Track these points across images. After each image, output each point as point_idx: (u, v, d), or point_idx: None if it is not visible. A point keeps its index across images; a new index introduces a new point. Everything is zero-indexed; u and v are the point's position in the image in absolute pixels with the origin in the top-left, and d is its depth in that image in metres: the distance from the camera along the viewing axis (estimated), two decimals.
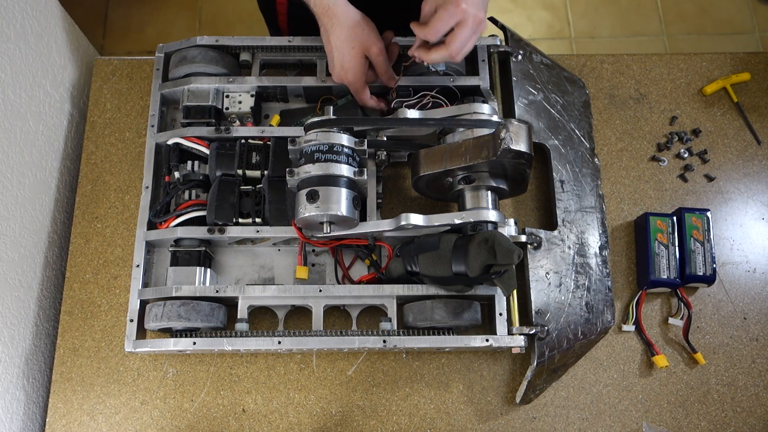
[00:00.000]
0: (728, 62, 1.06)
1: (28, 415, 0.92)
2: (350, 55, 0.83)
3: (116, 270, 0.94)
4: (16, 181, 0.89)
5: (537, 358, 0.85)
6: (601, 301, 0.88)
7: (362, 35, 0.82)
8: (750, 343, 0.93)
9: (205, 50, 0.94)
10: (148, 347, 0.83)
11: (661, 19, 2.03)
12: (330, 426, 0.89)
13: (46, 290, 0.97)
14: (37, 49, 0.94)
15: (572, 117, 0.96)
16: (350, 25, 0.82)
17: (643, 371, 0.91)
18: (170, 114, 0.98)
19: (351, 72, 0.85)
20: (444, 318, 0.82)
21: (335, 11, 0.80)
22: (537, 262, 0.88)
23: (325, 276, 0.91)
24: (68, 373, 0.90)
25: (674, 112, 1.04)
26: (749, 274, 0.96)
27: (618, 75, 1.05)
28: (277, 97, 0.97)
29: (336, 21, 0.81)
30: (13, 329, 0.89)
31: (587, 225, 0.91)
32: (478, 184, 0.84)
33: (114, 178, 0.98)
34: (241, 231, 0.86)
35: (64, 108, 1.02)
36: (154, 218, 0.88)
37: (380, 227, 0.83)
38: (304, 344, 0.83)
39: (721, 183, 1.00)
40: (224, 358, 0.91)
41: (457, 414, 0.89)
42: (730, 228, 0.98)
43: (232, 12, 2.00)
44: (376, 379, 0.90)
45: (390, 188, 0.97)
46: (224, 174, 0.88)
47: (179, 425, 0.88)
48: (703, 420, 0.90)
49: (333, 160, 0.80)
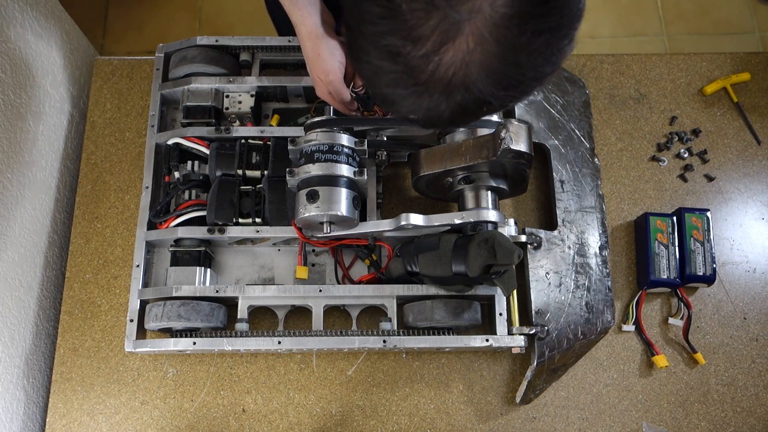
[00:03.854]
0: (728, 62, 1.06)
1: (28, 415, 0.92)
2: (312, 78, 0.83)
3: (116, 270, 0.94)
4: (16, 181, 0.89)
5: (537, 358, 0.85)
6: (601, 301, 0.88)
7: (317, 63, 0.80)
8: (750, 343, 0.93)
9: (205, 50, 0.94)
10: (148, 347, 0.83)
11: (661, 19, 2.03)
12: (330, 426, 0.89)
13: (46, 290, 0.97)
14: (37, 49, 0.94)
15: (572, 117, 0.96)
16: (308, 50, 0.81)
17: (643, 371, 0.91)
18: (170, 114, 0.98)
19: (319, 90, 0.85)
20: (444, 318, 0.82)
21: (300, 30, 0.80)
22: (537, 262, 0.88)
23: (325, 276, 0.91)
24: (68, 373, 0.90)
25: (674, 112, 1.04)
26: (749, 274, 0.96)
27: (618, 75, 1.05)
28: (277, 97, 0.97)
29: (300, 39, 0.81)
30: (13, 329, 0.89)
31: (587, 225, 0.91)
32: (478, 184, 0.84)
33: (114, 178, 0.98)
34: (241, 231, 0.86)
35: (64, 108, 1.02)
36: (154, 218, 0.88)
37: (380, 227, 0.83)
38: (304, 344, 0.83)
39: (721, 183, 1.00)
40: (224, 358, 0.91)
41: (457, 414, 0.89)
42: (730, 228, 0.98)
43: (232, 12, 2.00)
44: (376, 379, 0.90)
45: (390, 188, 0.97)
46: (224, 174, 0.88)
47: (179, 425, 0.88)
48: (703, 420, 0.90)
49: (333, 160, 0.80)
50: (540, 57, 0.48)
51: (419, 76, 0.48)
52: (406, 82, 0.49)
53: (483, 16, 0.45)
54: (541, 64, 0.49)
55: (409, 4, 0.45)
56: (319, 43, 0.79)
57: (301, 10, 0.79)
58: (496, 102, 0.50)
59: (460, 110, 0.50)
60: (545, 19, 0.46)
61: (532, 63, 0.48)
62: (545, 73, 0.50)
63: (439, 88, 0.49)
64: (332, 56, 0.80)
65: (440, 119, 0.52)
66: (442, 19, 0.45)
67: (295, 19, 0.80)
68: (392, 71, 0.49)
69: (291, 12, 0.80)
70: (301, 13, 0.79)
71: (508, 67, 0.48)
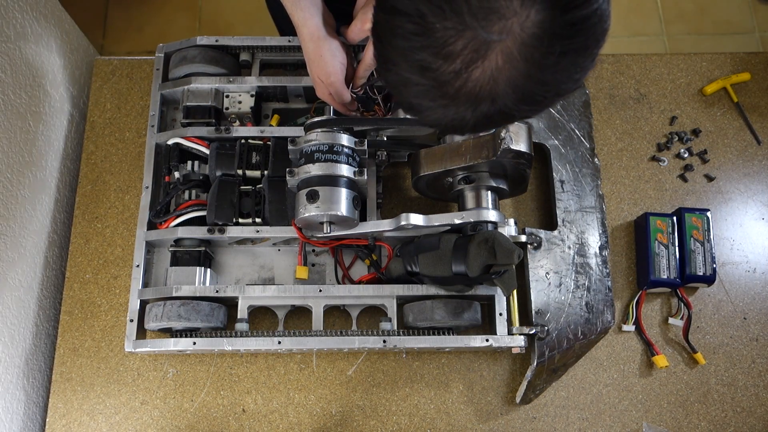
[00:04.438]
0: (728, 62, 1.06)
1: (28, 415, 0.92)
2: (312, 79, 0.84)
3: (116, 270, 0.94)
4: (16, 181, 0.89)
5: (537, 358, 0.85)
6: (601, 301, 0.88)
7: (318, 64, 0.81)
8: (750, 343, 0.93)
9: (205, 50, 0.94)
10: (148, 347, 0.83)
11: (661, 19, 2.03)
12: (330, 426, 0.89)
13: (46, 290, 0.97)
14: (37, 49, 0.94)
15: (572, 117, 0.96)
16: (310, 51, 0.81)
17: (643, 371, 0.91)
18: (170, 114, 0.98)
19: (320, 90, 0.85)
20: (444, 318, 0.82)
21: (301, 32, 0.81)
22: (537, 262, 0.88)
23: (325, 276, 0.91)
24: (68, 373, 0.90)
25: (674, 112, 1.04)
26: (749, 274, 0.96)
27: (618, 75, 1.05)
28: (277, 97, 0.97)
29: (301, 40, 0.82)
30: (13, 329, 0.89)
31: (587, 225, 0.91)
32: (478, 184, 0.84)
33: (114, 178, 0.98)
34: (241, 231, 0.86)
35: (64, 108, 1.02)
36: (154, 218, 0.88)
37: (380, 227, 0.83)
38: (304, 344, 0.83)
39: (721, 183, 1.00)
40: (224, 358, 0.91)
41: (457, 414, 0.89)
42: (730, 228, 0.98)
43: (232, 12, 2.00)
44: (376, 379, 0.90)
45: (390, 188, 0.97)
46: (224, 174, 0.88)
47: (179, 425, 0.88)
48: (703, 420, 0.90)
49: (333, 160, 0.80)
50: (564, 75, 0.49)
51: (447, 90, 0.50)
52: (434, 95, 0.51)
53: (513, 36, 0.46)
54: (564, 81, 0.50)
55: (442, 23, 0.46)
56: (321, 45, 0.80)
57: (303, 11, 0.79)
58: (520, 115, 0.52)
59: (484, 120, 0.52)
60: (572, 40, 0.47)
61: (556, 81, 0.50)
62: (568, 90, 0.51)
63: (466, 100, 0.50)
64: (334, 57, 0.80)
65: (464, 128, 0.54)
66: (473, 38, 0.46)
67: (296, 20, 0.80)
68: (421, 84, 0.50)
69: (293, 13, 0.80)
70: (303, 14, 0.80)
71: (534, 84, 0.49)
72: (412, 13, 0.47)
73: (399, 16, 0.48)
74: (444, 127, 0.57)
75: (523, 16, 0.45)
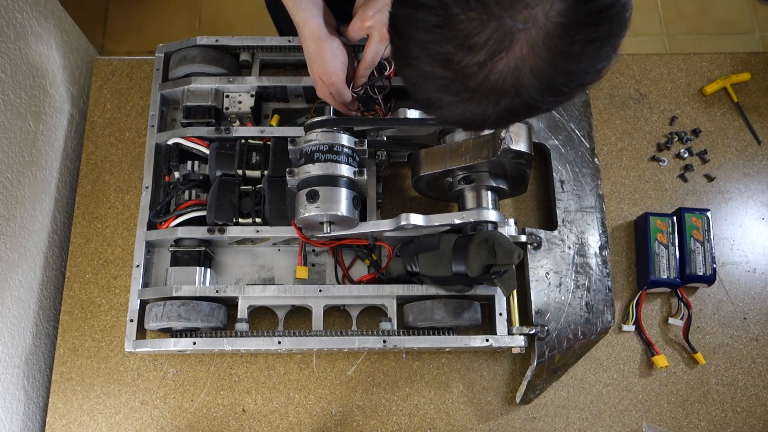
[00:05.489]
0: (728, 62, 1.06)
1: (28, 415, 0.92)
2: (312, 79, 0.85)
3: (116, 270, 0.94)
4: (16, 181, 0.89)
5: (537, 358, 0.85)
6: (601, 301, 0.88)
7: (319, 64, 0.82)
8: (750, 343, 0.93)
9: (205, 50, 0.94)
10: (148, 347, 0.83)
11: (661, 19, 2.03)
12: (330, 426, 0.89)
13: (46, 290, 0.97)
14: (37, 49, 0.94)
15: (572, 117, 0.96)
16: (311, 50, 0.81)
17: (643, 371, 0.91)
18: (170, 114, 0.98)
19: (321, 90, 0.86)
20: (444, 318, 0.82)
21: (303, 31, 0.81)
22: (537, 262, 0.88)
23: (325, 276, 0.91)
24: (68, 373, 0.90)
25: (674, 112, 1.03)
26: (749, 274, 0.96)
27: (618, 75, 1.05)
28: (277, 97, 0.97)
29: (302, 40, 0.82)
30: (13, 329, 0.89)
31: (587, 225, 0.91)
32: (478, 184, 0.84)
33: (114, 178, 0.98)
34: (241, 231, 0.86)
35: (64, 108, 1.02)
36: (154, 218, 0.88)
37: (380, 227, 0.83)
38: (304, 344, 0.83)
39: (721, 183, 1.00)
40: (224, 358, 0.91)
41: (457, 414, 0.89)
42: (730, 228, 0.98)
43: (232, 12, 2.00)
44: (376, 379, 0.90)
45: (390, 188, 0.97)
46: (224, 174, 0.88)
47: (179, 425, 0.88)
48: (703, 420, 0.90)
49: (333, 160, 0.80)
50: (588, 65, 0.49)
51: (470, 83, 0.49)
52: (457, 88, 0.50)
53: (538, 25, 0.46)
54: (588, 71, 0.50)
55: (467, 13, 0.46)
56: (323, 45, 0.80)
57: (305, 11, 0.80)
58: (544, 106, 0.52)
59: (507, 114, 0.51)
60: (596, 28, 0.47)
61: (580, 70, 0.49)
62: (591, 80, 0.51)
63: (489, 93, 0.49)
64: (335, 57, 0.80)
65: (485, 123, 0.53)
66: (498, 28, 0.46)
67: (297, 20, 0.80)
68: (443, 77, 0.50)
69: (294, 13, 0.80)
70: (304, 14, 0.80)
71: (558, 74, 0.49)
72: (435, 5, 0.47)
73: (421, 8, 0.47)
74: (464, 122, 0.56)
75: (548, 5, 0.45)
